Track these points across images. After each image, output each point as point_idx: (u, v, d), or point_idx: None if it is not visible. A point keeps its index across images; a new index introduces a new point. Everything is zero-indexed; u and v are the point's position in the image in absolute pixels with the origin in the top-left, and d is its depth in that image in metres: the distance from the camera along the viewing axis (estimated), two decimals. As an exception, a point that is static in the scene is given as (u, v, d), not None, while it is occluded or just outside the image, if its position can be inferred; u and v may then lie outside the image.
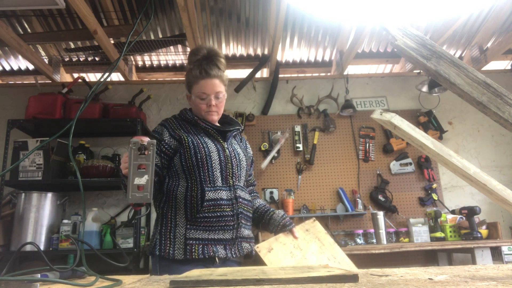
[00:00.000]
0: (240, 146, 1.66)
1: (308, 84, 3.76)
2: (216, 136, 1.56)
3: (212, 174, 1.48)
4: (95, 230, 2.93)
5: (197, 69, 1.54)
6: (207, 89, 1.53)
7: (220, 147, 1.54)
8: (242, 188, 1.57)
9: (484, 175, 0.76)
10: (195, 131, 1.57)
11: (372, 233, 3.14)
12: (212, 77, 1.53)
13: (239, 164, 1.57)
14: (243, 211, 1.51)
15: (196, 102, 1.57)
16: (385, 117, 0.79)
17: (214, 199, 1.45)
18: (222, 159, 1.52)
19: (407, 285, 0.66)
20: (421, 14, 1.94)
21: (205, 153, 1.49)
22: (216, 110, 1.57)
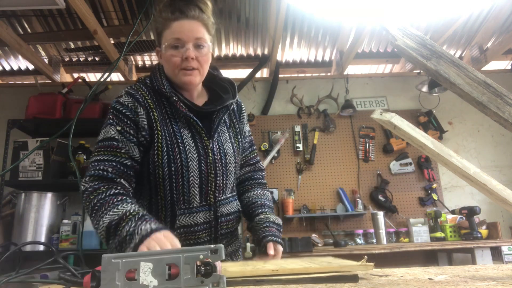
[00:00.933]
0: (231, 133, 1.23)
1: (308, 84, 3.76)
2: (199, 129, 1.13)
3: (188, 191, 1.10)
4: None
5: (168, 10, 1.09)
6: (182, 34, 1.07)
7: (202, 148, 1.12)
8: (227, 201, 1.19)
9: (484, 175, 0.76)
10: (170, 115, 1.12)
11: (372, 233, 3.14)
12: (190, 17, 1.08)
13: (225, 168, 1.16)
14: (224, 232, 1.19)
15: (167, 56, 1.09)
16: (385, 117, 0.79)
17: (187, 226, 1.10)
18: (203, 169, 1.11)
19: (407, 285, 0.66)
20: (421, 14, 1.95)
21: (181, 163, 1.08)
22: (197, 67, 1.10)
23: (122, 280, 0.55)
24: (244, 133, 1.30)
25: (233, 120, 1.26)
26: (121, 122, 1.08)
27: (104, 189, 1.00)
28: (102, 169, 1.03)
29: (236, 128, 1.25)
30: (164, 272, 0.55)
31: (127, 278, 0.55)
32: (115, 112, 1.10)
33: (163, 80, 1.12)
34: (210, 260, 0.55)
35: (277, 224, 1.20)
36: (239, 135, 1.25)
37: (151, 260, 0.55)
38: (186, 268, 0.55)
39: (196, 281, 0.54)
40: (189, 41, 1.08)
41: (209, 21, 1.13)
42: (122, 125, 1.07)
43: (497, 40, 3.56)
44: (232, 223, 1.22)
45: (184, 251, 0.56)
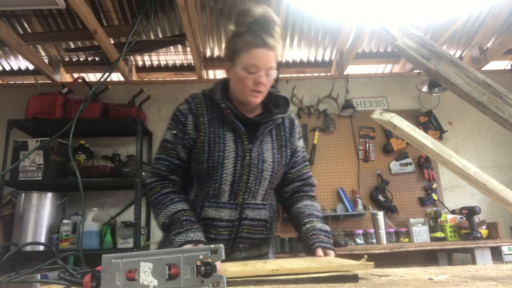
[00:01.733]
0: (275, 144, 1.31)
1: (308, 84, 3.76)
2: (241, 134, 1.25)
3: (219, 187, 1.22)
4: (95, 230, 2.93)
5: (251, 34, 1.18)
6: (260, 62, 1.18)
7: (241, 150, 1.23)
8: (255, 206, 1.26)
9: (484, 175, 0.76)
10: (220, 120, 1.26)
11: (372, 233, 3.14)
12: (269, 48, 1.18)
13: (260, 175, 1.25)
14: (245, 235, 1.26)
15: (241, 76, 1.21)
16: (385, 117, 0.79)
17: (212, 219, 1.22)
18: (238, 168, 1.22)
19: (407, 285, 0.66)
20: (421, 14, 1.95)
21: (218, 159, 1.21)
22: (263, 91, 1.23)
23: (122, 280, 0.54)
24: (295, 147, 1.37)
25: (281, 133, 1.34)
26: (176, 126, 1.28)
27: (159, 188, 1.25)
28: (158, 167, 1.27)
29: (282, 141, 1.33)
30: (164, 272, 0.54)
31: (127, 278, 0.55)
32: (174, 117, 1.30)
33: (217, 91, 1.27)
34: (210, 260, 0.55)
35: (325, 231, 1.25)
36: (284, 147, 1.33)
37: (151, 260, 0.55)
38: (186, 268, 0.55)
39: (196, 281, 0.54)
40: (263, 69, 1.20)
41: (278, 51, 1.25)
42: (177, 129, 1.27)
43: (497, 40, 3.56)
44: (255, 230, 1.27)
45: (184, 251, 0.56)
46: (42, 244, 2.95)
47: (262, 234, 1.30)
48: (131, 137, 3.45)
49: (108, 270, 0.54)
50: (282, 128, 1.35)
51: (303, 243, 1.24)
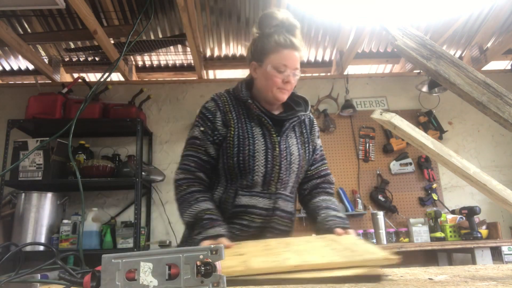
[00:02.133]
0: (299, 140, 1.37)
1: (308, 84, 3.76)
2: (269, 127, 1.30)
3: (252, 179, 1.26)
4: (95, 230, 2.93)
5: (280, 35, 1.26)
6: (289, 62, 1.26)
7: (270, 143, 1.28)
8: (285, 198, 1.32)
9: (484, 175, 0.76)
10: (246, 116, 1.31)
11: (372, 233, 3.14)
12: (296, 48, 1.27)
13: (289, 167, 1.30)
14: (275, 226, 1.30)
15: (271, 74, 1.27)
16: (385, 117, 0.79)
17: (245, 205, 1.25)
18: (269, 159, 1.27)
19: (407, 285, 0.66)
20: (421, 14, 1.95)
21: (248, 153, 1.26)
22: (290, 89, 1.31)
23: (122, 280, 0.54)
24: (315, 145, 1.44)
25: (303, 131, 1.41)
26: (204, 123, 1.31)
27: (185, 186, 1.26)
28: (186, 163, 1.29)
29: (305, 137, 1.40)
30: (164, 272, 0.54)
31: (127, 278, 0.55)
32: (201, 115, 1.33)
33: (242, 89, 1.33)
34: (210, 260, 0.55)
35: (339, 217, 1.28)
36: (306, 144, 1.39)
37: (151, 260, 0.54)
38: (186, 268, 0.54)
39: (196, 281, 0.54)
40: (292, 68, 1.27)
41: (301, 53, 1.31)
42: (204, 126, 1.30)
43: (497, 40, 3.56)
44: (283, 221, 1.32)
45: (184, 251, 0.55)
46: (42, 244, 2.95)
47: (287, 226, 1.34)
48: (131, 137, 3.45)
49: (108, 270, 0.54)
50: (303, 126, 1.41)
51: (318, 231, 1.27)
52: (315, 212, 1.34)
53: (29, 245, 2.60)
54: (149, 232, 3.27)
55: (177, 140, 3.55)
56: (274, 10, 1.31)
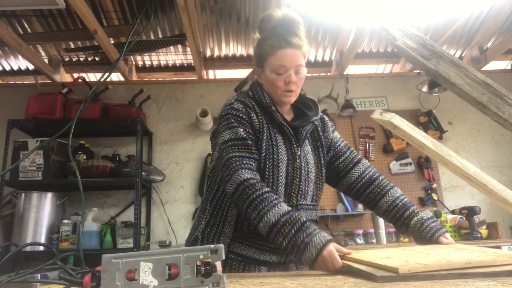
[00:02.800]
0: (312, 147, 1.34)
1: (308, 84, 3.76)
2: (290, 137, 1.26)
3: (276, 189, 1.21)
4: (95, 230, 2.93)
5: (274, 37, 1.24)
6: (287, 61, 1.23)
7: (291, 154, 1.25)
8: (307, 207, 1.27)
9: (484, 175, 0.76)
10: (270, 124, 1.26)
11: (372, 233, 3.14)
12: (293, 46, 1.23)
13: (307, 177, 1.27)
14: None
15: (271, 79, 1.25)
16: (385, 117, 0.79)
17: None
18: (290, 171, 1.23)
19: (407, 285, 0.66)
20: (421, 15, 1.94)
21: (273, 162, 1.21)
22: (295, 90, 1.27)
23: (122, 280, 0.54)
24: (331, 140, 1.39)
25: (314, 135, 1.36)
26: (242, 124, 1.22)
27: (259, 186, 1.10)
28: (248, 163, 1.15)
29: (317, 142, 1.35)
30: (164, 272, 0.54)
31: (127, 278, 0.54)
32: (234, 116, 1.23)
33: (264, 93, 1.28)
34: (210, 260, 0.55)
35: (431, 218, 1.21)
36: (320, 148, 1.35)
37: (151, 260, 0.54)
38: (186, 268, 0.54)
39: (196, 281, 0.54)
40: (292, 68, 1.23)
41: (304, 49, 1.27)
42: (244, 126, 1.21)
43: (497, 40, 3.56)
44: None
45: (184, 251, 0.55)
46: (42, 245, 2.95)
47: None
48: (131, 137, 3.45)
49: (108, 270, 0.54)
50: (315, 130, 1.37)
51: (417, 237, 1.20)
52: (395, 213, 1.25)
53: (29, 245, 2.60)
54: (149, 232, 3.27)
55: (177, 140, 3.55)
56: (271, 11, 1.28)
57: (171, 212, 3.33)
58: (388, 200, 1.27)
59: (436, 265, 0.76)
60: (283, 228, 1.02)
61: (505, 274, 0.72)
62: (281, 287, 0.70)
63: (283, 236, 1.02)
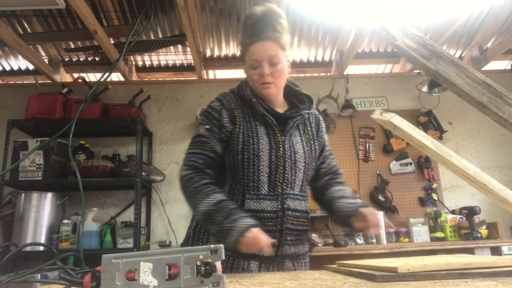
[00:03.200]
0: (304, 138, 1.36)
1: (308, 84, 3.76)
2: (273, 126, 1.29)
3: (258, 179, 1.23)
4: (95, 230, 2.93)
5: (247, 34, 1.30)
6: (258, 55, 1.26)
7: (274, 143, 1.27)
8: (294, 197, 1.28)
9: (484, 175, 0.76)
10: (251, 116, 1.31)
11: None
12: (263, 39, 1.26)
13: (294, 166, 1.28)
14: (290, 226, 1.25)
15: (248, 74, 1.31)
16: (385, 117, 0.79)
17: (254, 210, 1.22)
18: (273, 160, 1.25)
19: (407, 285, 0.66)
20: (421, 14, 1.94)
21: (253, 151, 1.24)
22: (273, 81, 1.28)
23: (122, 280, 0.54)
24: (323, 142, 1.45)
25: (307, 129, 1.40)
26: (209, 122, 1.30)
27: (198, 178, 1.22)
28: (194, 160, 1.26)
29: (310, 135, 1.39)
30: (164, 272, 0.54)
31: (127, 278, 0.54)
32: (206, 114, 1.33)
33: (247, 88, 1.33)
34: (210, 260, 0.55)
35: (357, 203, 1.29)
36: (312, 141, 1.38)
37: (151, 260, 0.54)
38: (186, 268, 0.54)
39: (196, 281, 0.54)
40: (264, 60, 1.26)
41: (282, 39, 1.29)
42: (210, 124, 1.29)
43: (497, 40, 3.56)
44: (298, 221, 1.29)
45: (184, 251, 0.55)
46: (42, 245, 2.95)
47: (305, 225, 1.32)
48: (131, 137, 3.45)
49: (108, 270, 0.54)
50: (308, 123, 1.40)
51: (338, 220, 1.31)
52: (331, 203, 1.35)
53: (29, 246, 2.60)
54: (149, 232, 3.27)
55: (177, 140, 3.55)
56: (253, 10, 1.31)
57: (171, 212, 3.33)
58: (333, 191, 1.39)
59: (435, 265, 0.76)
60: (213, 216, 1.12)
61: (505, 274, 0.72)
62: (281, 287, 0.70)
63: (213, 224, 1.12)
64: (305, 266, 1.34)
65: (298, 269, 1.29)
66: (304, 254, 1.34)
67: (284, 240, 1.24)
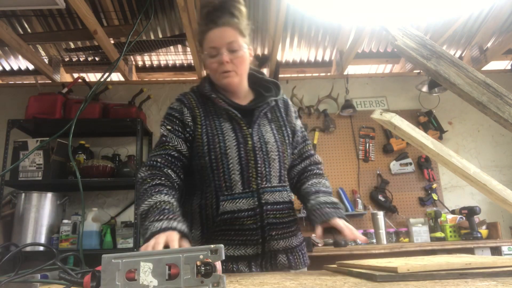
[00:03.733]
0: (273, 125, 1.28)
1: (308, 84, 3.76)
2: (238, 120, 1.21)
3: (230, 178, 1.16)
4: (95, 230, 2.93)
5: (204, 22, 1.21)
6: (216, 41, 1.17)
7: (242, 137, 1.19)
8: (273, 190, 1.20)
9: (484, 175, 0.76)
10: (214, 113, 1.24)
11: (372, 233, 3.14)
12: (220, 25, 1.17)
13: (267, 156, 1.20)
14: (273, 221, 1.18)
15: (207, 63, 1.22)
16: (385, 117, 0.79)
17: (231, 211, 1.15)
18: (243, 155, 1.17)
19: (407, 285, 0.66)
20: (421, 15, 1.94)
21: (220, 150, 1.17)
22: (234, 69, 1.19)
23: (122, 280, 0.54)
24: (294, 127, 1.35)
25: (277, 115, 1.32)
26: (170, 122, 1.24)
27: (150, 179, 1.12)
28: (153, 159, 1.18)
29: (280, 121, 1.31)
30: (164, 272, 0.54)
31: (127, 278, 0.54)
32: (166, 115, 1.27)
33: (205, 84, 1.27)
34: (210, 260, 0.55)
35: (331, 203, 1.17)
36: (283, 127, 1.31)
37: (151, 260, 0.54)
38: (186, 268, 0.54)
39: (196, 281, 0.54)
40: (222, 46, 1.17)
41: (241, 25, 1.20)
42: (172, 124, 1.23)
43: (497, 40, 3.56)
44: (282, 213, 1.20)
45: (184, 251, 0.55)
46: (42, 245, 2.95)
47: (291, 216, 1.24)
48: (131, 137, 3.45)
49: (108, 270, 0.54)
50: (277, 109, 1.33)
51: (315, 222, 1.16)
52: (305, 199, 1.25)
53: (29, 246, 2.60)
54: (149, 232, 3.27)
55: (177, 140, 3.55)
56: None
57: (171, 212, 3.33)
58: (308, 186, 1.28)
59: (435, 265, 0.76)
60: (146, 216, 1.02)
61: (505, 274, 0.72)
62: (281, 287, 0.70)
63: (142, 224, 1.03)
64: (303, 258, 1.26)
65: (294, 262, 1.21)
66: (299, 245, 1.27)
67: (268, 236, 1.16)
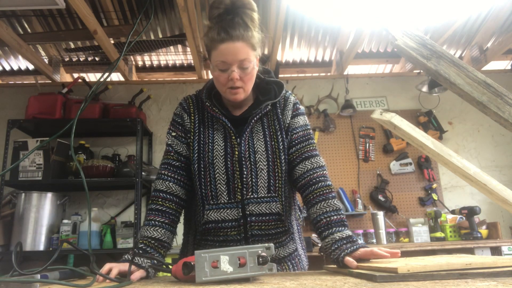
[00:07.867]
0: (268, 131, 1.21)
1: (308, 84, 3.76)
2: (228, 130, 1.19)
3: (215, 188, 1.15)
4: (95, 230, 2.93)
5: (215, 28, 1.12)
6: (228, 57, 1.11)
7: (230, 147, 1.17)
8: (259, 201, 1.15)
9: (484, 175, 0.76)
10: (210, 120, 1.24)
11: (372, 233, 3.14)
12: (234, 39, 1.10)
13: (255, 167, 1.16)
14: (257, 233, 1.15)
15: (215, 75, 1.18)
16: (385, 117, 0.79)
17: (215, 221, 1.15)
18: (229, 166, 1.15)
19: (407, 285, 0.66)
20: (421, 15, 1.95)
21: (208, 160, 1.17)
22: (242, 86, 1.15)
23: (209, 268, 0.79)
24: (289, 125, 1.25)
25: (273, 118, 1.24)
26: (174, 128, 1.27)
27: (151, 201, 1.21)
28: (160, 172, 1.23)
29: (276, 125, 1.23)
30: (236, 262, 0.80)
31: (212, 267, 0.79)
32: (171, 121, 1.30)
33: (204, 90, 1.27)
34: (265, 254, 0.81)
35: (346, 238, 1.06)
36: (279, 131, 1.22)
37: (227, 254, 0.80)
38: (250, 259, 0.80)
39: (257, 268, 0.80)
40: (234, 63, 1.12)
41: (254, 39, 1.13)
42: (176, 130, 1.26)
43: (497, 40, 3.56)
44: (268, 225, 1.15)
45: (248, 248, 0.81)
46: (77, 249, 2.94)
47: (278, 228, 1.17)
48: (131, 137, 3.45)
49: (200, 261, 0.80)
50: (274, 113, 1.24)
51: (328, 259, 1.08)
52: (317, 228, 1.13)
53: (35, 245, 2.59)
54: (149, 232, 3.27)
55: (177, 140, 3.55)
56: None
57: (171, 212, 3.33)
58: (316, 211, 1.13)
59: (436, 266, 0.76)
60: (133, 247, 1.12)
61: (505, 274, 0.72)
62: (281, 287, 0.70)
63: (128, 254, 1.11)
64: (296, 267, 1.23)
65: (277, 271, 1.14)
66: (289, 255, 1.22)
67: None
